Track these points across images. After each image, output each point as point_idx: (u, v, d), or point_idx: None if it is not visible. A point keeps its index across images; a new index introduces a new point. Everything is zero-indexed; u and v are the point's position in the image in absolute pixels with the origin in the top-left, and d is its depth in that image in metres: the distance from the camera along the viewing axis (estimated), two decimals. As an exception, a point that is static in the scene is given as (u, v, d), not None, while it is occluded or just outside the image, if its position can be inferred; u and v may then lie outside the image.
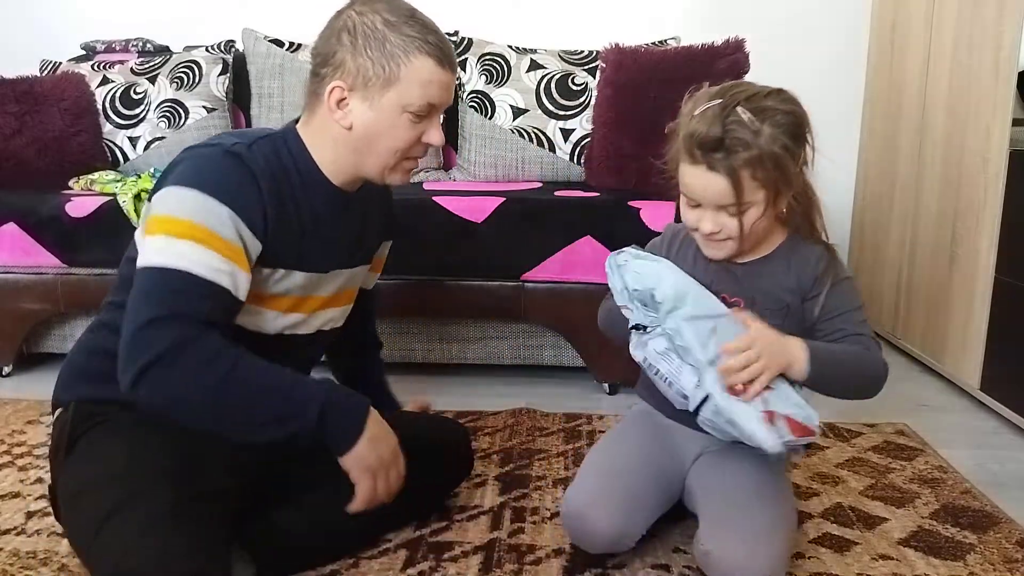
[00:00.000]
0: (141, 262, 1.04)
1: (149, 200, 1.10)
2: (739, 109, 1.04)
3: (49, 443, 1.18)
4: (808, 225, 1.16)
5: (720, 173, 1.04)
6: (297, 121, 1.20)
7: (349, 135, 1.14)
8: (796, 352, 1.07)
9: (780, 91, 1.09)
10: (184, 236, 1.02)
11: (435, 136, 1.17)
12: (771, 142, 1.04)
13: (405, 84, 1.10)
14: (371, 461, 1.09)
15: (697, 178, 1.07)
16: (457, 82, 2.54)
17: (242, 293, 1.07)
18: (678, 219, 1.20)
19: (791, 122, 1.06)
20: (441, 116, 1.21)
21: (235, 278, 1.05)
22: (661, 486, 1.20)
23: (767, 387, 1.06)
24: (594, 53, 2.46)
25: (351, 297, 1.34)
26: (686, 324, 1.07)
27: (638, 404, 1.35)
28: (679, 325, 1.08)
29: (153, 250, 1.03)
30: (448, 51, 1.14)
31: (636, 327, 1.16)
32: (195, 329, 1.00)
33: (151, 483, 1.01)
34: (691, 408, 1.10)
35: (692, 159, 1.07)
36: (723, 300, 1.15)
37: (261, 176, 1.09)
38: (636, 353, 1.18)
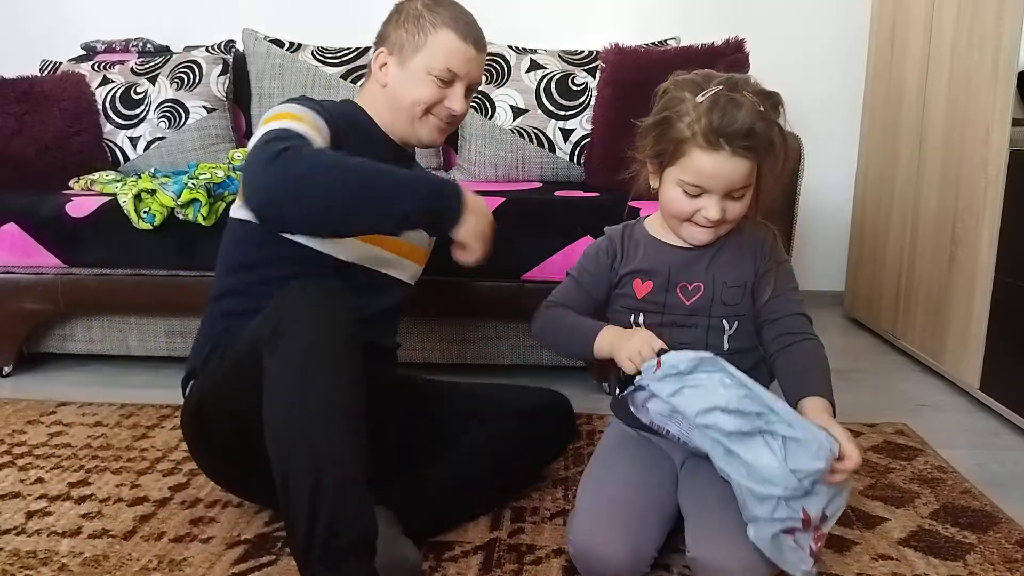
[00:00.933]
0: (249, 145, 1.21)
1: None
2: (748, 94, 1.07)
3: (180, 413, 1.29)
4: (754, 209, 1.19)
5: (745, 158, 1.07)
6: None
7: (384, 92, 1.36)
8: (831, 412, 1.10)
9: (747, 77, 1.13)
10: (277, 119, 1.22)
11: (456, 103, 1.35)
12: (776, 124, 1.09)
13: (430, 50, 1.32)
14: (481, 228, 1.18)
15: (719, 164, 1.08)
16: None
17: None
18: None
19: (777, 103, 1.11)
20: (467, 90, 1.37)
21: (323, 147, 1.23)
22: (662, 504, 1.18)
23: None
24: (594, 53, 2.46)
25: (421, 258, 1.47)
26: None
27: (612, 422, 1.35)
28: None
29: (257, 134, 1.20)
30: (473, 31, 1.35)
31: (627, 387, 1.09)
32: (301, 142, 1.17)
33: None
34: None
35: (711, 146, 1.07)
36: (683, 287, 1.18)
37: (330, 117, 1.28)
38: (639, 414, 1.12)
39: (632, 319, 1.22)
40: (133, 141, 2.46)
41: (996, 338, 1.84)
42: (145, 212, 1.96)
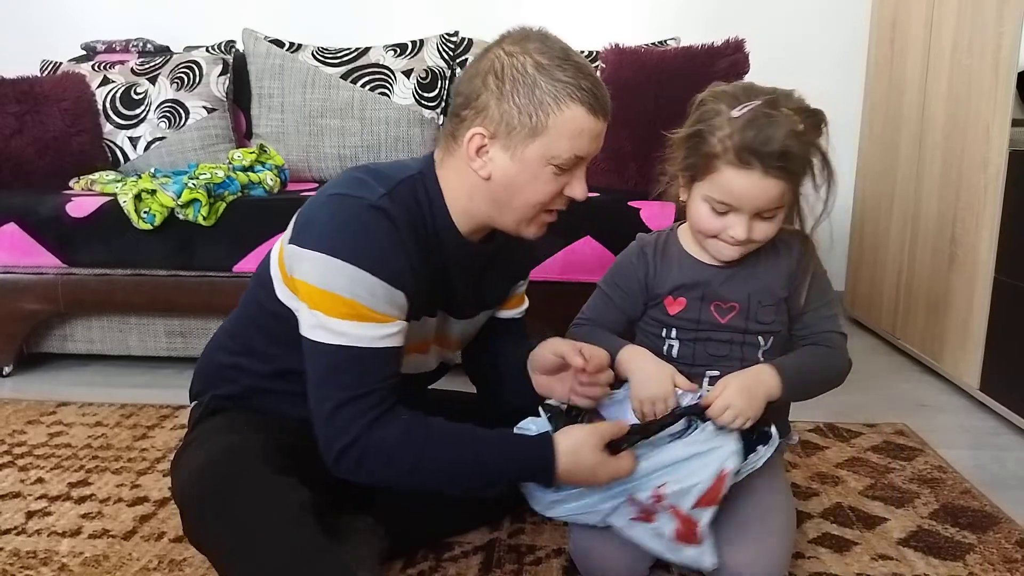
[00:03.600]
0: (306, 333, 1.03)
1: (292, 240, 1.05)
2: (786, 111, 1.02)
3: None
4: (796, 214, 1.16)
5: (777, 178, 1.02)
6: (430, 158, 1.13)
7: (486, 185, 1.06)
8: (769, 382, 1.09)
9: (790, 92, 1.07)
10: (342, 316, 1.00)
11: (578, 190, 1.09)
12: (816, 144, 1.05)
13: (553, 135, 1.02)
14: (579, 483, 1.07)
15: (750, 183, 1.03)
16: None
17: (403, 340, 1.06)
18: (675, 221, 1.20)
19: (819, 121, 1.06)
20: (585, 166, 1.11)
21: (397, 336, 1.04)
22: None
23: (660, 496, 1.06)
24: (594, 53, 2.46)
25: (468, 340, 1.31)
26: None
27: None
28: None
29: (320, 326, 1.01)
30: (602, 97, 1.05)
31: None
32: (378, 410, 1.01)
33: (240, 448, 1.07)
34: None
35: (743, 164, 1.02)
36: (717, 305, 1.15)
37: (406, 230, 1.04)
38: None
39: (664, 333, 1.18)
40: (133, 141, 2.46)
41: (996, 338, 1.84)
42: (145, 212, 1.96)
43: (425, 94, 2.48)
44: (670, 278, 1.18)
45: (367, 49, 2.56)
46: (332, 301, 1.00)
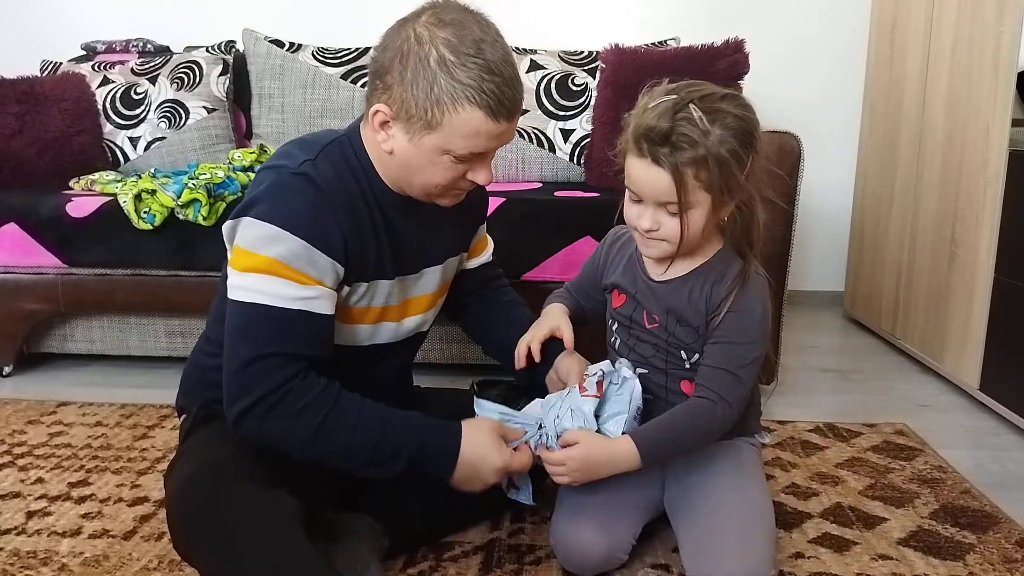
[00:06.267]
0: (229, 294, 1.06)
1: (233, 216, 1.07)
2: (691, 107, 1.02)
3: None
4: (746, 241, 1.14)
5: (663, 168, 1.02)
6: (362, 118, 1.15)
7: (390, 158, 1.08)
8: (622, 457, 1.10)
9: (736, 96, 1.07)
10: (264, 271, 1.02)
11: (482, 176, 1.09)
12: (718, 144, 1.01)
13: (447, 132, 1.02)
14: (473, 484, 1.12)
15: (641, 171, 1.05)
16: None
17: (330, 309, 1.07)
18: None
19: (741, 127, 1.03)
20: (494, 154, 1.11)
21: (320, 301, 1.05)
22: (640, 495, 1.20)
23: None
24: (594, 53, 2.46)
25: (439, 297, 1.30)
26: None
27: None
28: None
29: (238, 285, 1.04)
30: (507, 99, 1.02)
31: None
32: (289, 371, 1.02)
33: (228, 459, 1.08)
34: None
35: (639, 151, 1.05)
36: (647, 313, 1.19)
37: (332, 194, 1.06)
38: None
39: (609, 323, 1.27)
40: (133, 141, 2.46)
41: (996, 338, 1.84)
42: (145, 212, 1.96)
43: (425, 94, 2.48)
44: (614, 274, 1.24)
45: (367, 49, 2.56)
46: (252, 258, 1.02)
